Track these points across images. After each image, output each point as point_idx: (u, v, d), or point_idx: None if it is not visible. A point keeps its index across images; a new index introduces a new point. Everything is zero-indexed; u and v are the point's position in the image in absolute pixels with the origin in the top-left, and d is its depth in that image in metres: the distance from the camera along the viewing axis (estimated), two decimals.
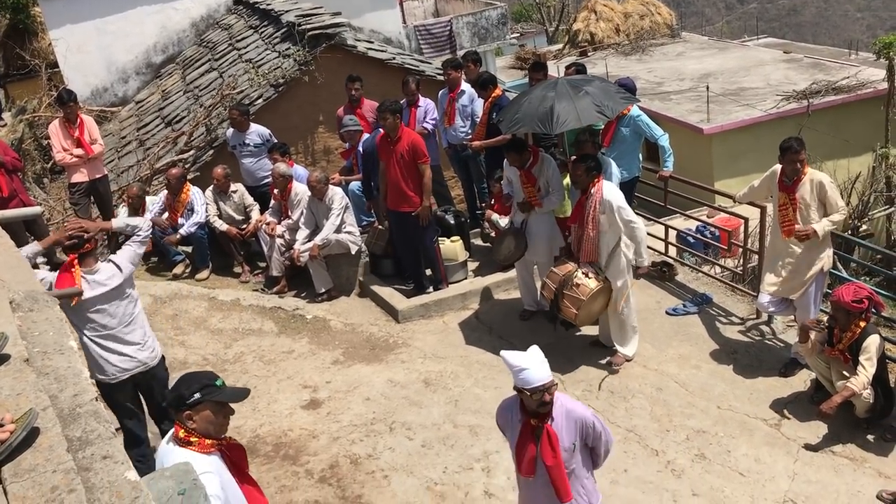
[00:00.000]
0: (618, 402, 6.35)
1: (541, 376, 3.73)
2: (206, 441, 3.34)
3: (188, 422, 3.30)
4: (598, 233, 6.40)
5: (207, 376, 3.38)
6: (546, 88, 6.95)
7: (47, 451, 2.33)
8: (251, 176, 9.25)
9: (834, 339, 5.76)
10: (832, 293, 5.70)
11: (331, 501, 5.36)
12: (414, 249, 8.07)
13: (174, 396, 3.33)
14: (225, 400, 3.36)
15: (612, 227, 6.37)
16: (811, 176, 6.14)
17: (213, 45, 13.33)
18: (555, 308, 6.69)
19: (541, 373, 3.74)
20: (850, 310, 5.54)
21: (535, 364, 3.76)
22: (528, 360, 3.78)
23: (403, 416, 6.26)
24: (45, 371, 2.83)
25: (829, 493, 5.33)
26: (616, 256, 6.47)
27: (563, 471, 3.86)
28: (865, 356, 5.55)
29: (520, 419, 3.92)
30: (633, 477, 5.49)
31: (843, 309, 5.58)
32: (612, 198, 6.30)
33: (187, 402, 3.27)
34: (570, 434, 3.90)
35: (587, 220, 6.39)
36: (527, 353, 3.84)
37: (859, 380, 5.50)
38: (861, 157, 16.38)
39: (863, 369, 5.53)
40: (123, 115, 13.51)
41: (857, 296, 5.54)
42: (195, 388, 3.29)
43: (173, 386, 3.39)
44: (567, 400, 4.00)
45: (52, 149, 8.59)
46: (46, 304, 3.40)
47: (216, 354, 7.29)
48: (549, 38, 32.68)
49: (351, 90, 8.95)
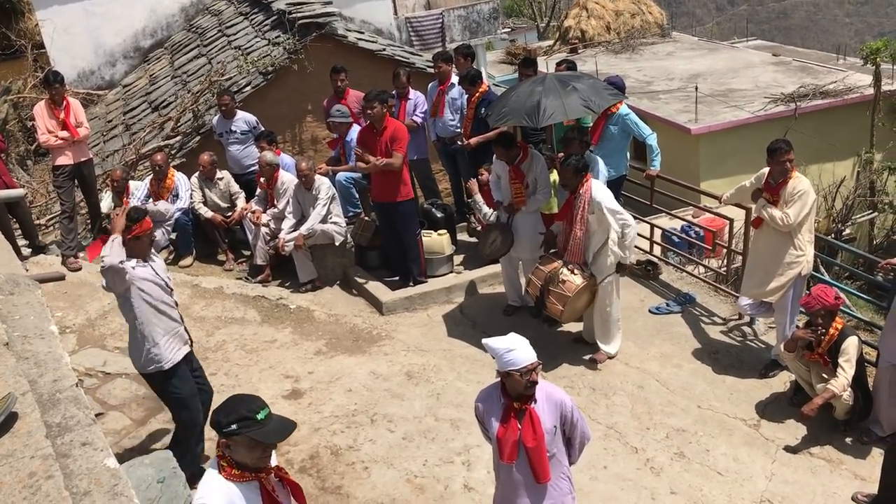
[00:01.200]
0: (599, 399, 6.37)
1: (528, 356, 3.79)
2: (234, 471, 3.11)
3: (225, 448, 3.11)
4: (586, 233, 6.41)
5: (250, 406, 3.11)
6: (534, 84, 6.97)
7: (25, 437, 2.31)
8: (237, 163, 9.20)
9: (814, 343, 5.81)
10: (809, 303, 5.72)
11: (310, 492, 5.34)
12: (400, 241, 8.05)
13: (213, 420, 3.11)
14: (262, 439, 3.07)
15: (600, 226, 6.38)
16: (797, 180, 6.17)
17: (202, 30, 13.22)
18: (540, 304, 6.70)
19: (527, 353, 3.80)
20: (834, 309, 5.66)
21: (521, 345, 3.82)
22: (513, 342, 3.84)
23: (385, 408, 6.26)
24: (25, 355, 2.80)
25: (806, 493, 5.38)
26: (603, 255, 6.48)
27: (543, 453, 3.90)
28: (844, 358, 5.63)
29: (502, 404, 3.94)
30: (612, 474, 5.51)
31: (829, 311, 5.66)
32: (602, 198, 6.30)
33: (223, 431, 3.05)
34: (552, 416, 3.95)
35: (575, 220, 6.39)
36: (507, 336, 3.90)
37: (839, 381, 5.57)
38: (846, 162, 16.49)
39: (842, 371, 5.59)
40: (110, 99, 13.38)
41: (832, 293, 5.68)
42: (233, 417, 3.04)
43: (216, 409, 3.14)
44: (547, 384, 4.04)
45: (37, 130, 8.48)
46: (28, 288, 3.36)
47: (198, 342, 7.23)
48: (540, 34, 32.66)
49: (337, 81, 8.91)
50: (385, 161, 7.43)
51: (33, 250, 8.65)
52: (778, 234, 6.23)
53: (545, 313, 6.78)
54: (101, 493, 2.18)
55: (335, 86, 8.96)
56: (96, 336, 7.20)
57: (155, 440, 5.88)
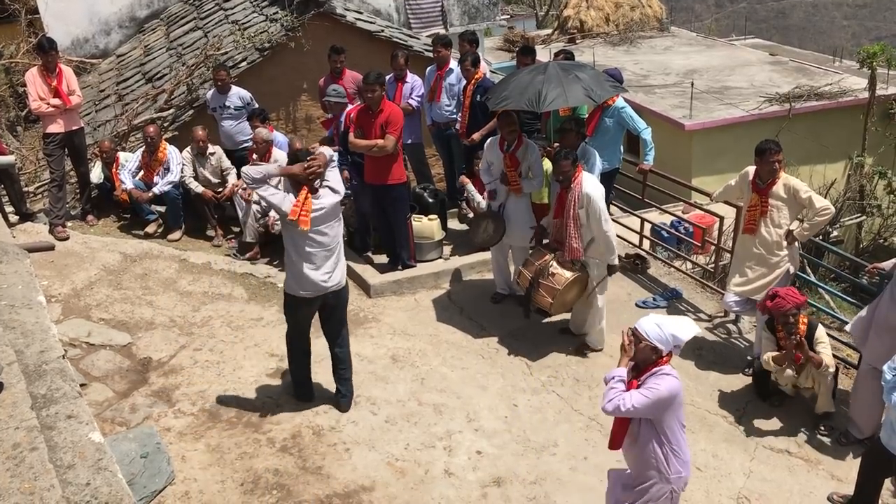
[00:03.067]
0: (582, 391, 6.41)
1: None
2: None
3: None
4: (578, 227, 6.40)
5: None
6: (536, 71, 6.99)
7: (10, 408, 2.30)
8: (230, 139, 9.15)
9: (782, 342, 5.95)
10: (780, 304, 5.76)
11: (291, 471, 5.36)
12: (389, 224, 8.04)
13: None
14: None
15: (590, 220, 6.38)
16: (785, 180, 6.21)
17: (199, 3, 13.09)
18: (530, 295, 6.72)
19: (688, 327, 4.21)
20: (803, 304, 5.88)
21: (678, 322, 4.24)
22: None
23: (369, 390, 6.27)
24: (12, 325, 2.78)
25: (783, 492, 5.45)
26: (593, 248, 6.50)
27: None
28: (822, 345, 5.90)
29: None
30: (592, 465, 5.56)
31: (799, 308, 5.82)
32: (592, 193, 6.30)
33: None
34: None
35: (569, 218, 6.39)
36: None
37: (827, 358, 5.85)
38: (837, 164, 16.55)
39: (822, 354, 5.87)
40: (103, 68, 13.25)
41: (797, 291, 5.92)
42: None
43: None
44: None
45: (29, 97, 8.40)
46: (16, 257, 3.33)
47: (184, 317, 7.23)
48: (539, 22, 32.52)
49: (336, 62, 8.85)
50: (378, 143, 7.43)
51: (20, 217, 8.59)
52: (768, 232, 6.28)
53: (534, 305, 6.80)
54: (86, 467, 2.18)
55: (333, 66, 8.90)
56: (81, 306, 7.17)
57: (137, 413, 5.87)
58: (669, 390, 4.09)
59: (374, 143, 7.46)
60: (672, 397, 4.12)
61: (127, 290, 7.53)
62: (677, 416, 4.22)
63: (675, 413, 4.20)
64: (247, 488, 5.19)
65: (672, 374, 4.15)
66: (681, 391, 4.17)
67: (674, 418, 4.21)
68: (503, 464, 5.55)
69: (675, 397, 4.14)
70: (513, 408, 6.17)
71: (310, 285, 5.51)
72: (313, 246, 5.43)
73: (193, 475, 5.25)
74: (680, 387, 4.16)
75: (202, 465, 5.36)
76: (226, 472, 5.32)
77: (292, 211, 5.27)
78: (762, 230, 6.30)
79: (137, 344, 6.75)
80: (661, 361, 4.16)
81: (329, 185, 5.47)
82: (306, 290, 5.54)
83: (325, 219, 5.42)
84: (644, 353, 4.18)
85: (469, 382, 6.44)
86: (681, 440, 4.25)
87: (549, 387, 6.45)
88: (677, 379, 4.16)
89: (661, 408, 4.12)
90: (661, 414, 4.14)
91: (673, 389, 4.11)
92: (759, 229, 6.31)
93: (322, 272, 5.50)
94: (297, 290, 5.55)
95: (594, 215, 6.29)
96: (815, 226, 6.22)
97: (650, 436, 4.20)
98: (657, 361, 4.16)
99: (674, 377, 4.14)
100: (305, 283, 5.50)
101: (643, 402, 4.08)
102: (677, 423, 4.23)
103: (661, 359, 4.16)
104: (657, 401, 4.08)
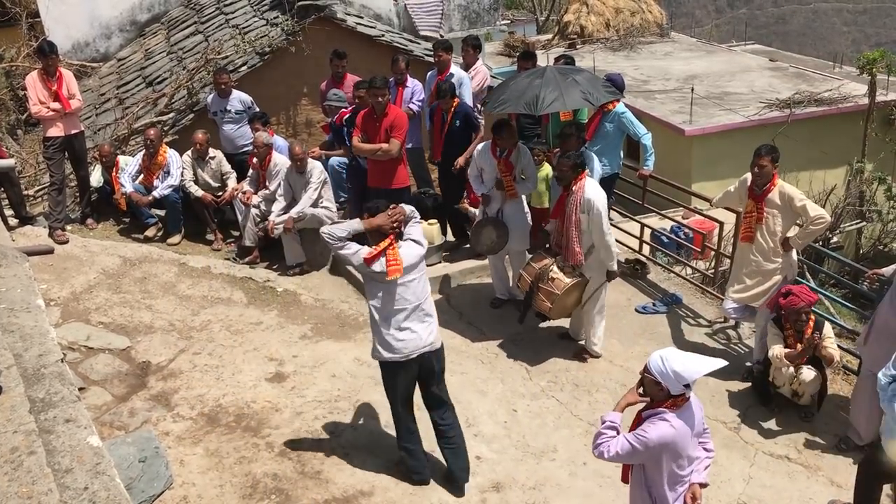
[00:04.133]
0: (582, 396, 6.40)
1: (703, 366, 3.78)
2: None
3: None
4: (579, 231, 6.40)
5: None
6: (534, 75, 7.01)
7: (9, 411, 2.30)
8: (230, 143, 9.16)
9: (790, 339, 6.00)
10: (793, 301, 5.85)
11: (290, 475, 5.35)
12: None
13: None
14: None
15: (591, 226, 6.37)
16: (781, 188, 6.22)
17: (200, 7, 13.10)
18: (529, 300, 6.71)
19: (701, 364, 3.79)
20: (814, 303, 5.94)
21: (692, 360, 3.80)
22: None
23: (368, 395, 6.26)
24: (11, 329, 2.78)
25: (783, 498, 5.43)
26: (594, 253, 6.49)
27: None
28: (829, 339, 5.97)
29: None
30: (591, 470, 5.54)
31: (811, 305, 5.89)
32: (595, 199, 6.28)
33: None
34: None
35: (570, 223, 6.38)
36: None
37: (836, 353, 5.95)
38: (836, 170, 16.56)
39: (832, 349, 5.94)
40: (104, 72, 13.25)
41: (808, 290, 5.99)
42: None
43: None
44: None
45: (29, 100, 8.40)
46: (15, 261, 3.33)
47: (183, 321, 7.22)
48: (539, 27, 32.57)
49: (338, 67, 8.86)
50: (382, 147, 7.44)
51: (20, 221, 8.59)
52: (764, 239, 6.29)
53: (534, 308, 6.77)
54: (84, 471, 2.17)
55: (335, 70, 8.91)
56: (80, 310, 7.17)
57: (135, 417, 5.86)
58: (659, 438, 3.71)
59: (379, 146, 7.47)
60: (661, 445, 3.74)
61: (126, 294, 7.52)
62: (667, 467, 3.83)
63: (663, 464, 3.82)
64: (245, 493, 5.17)
65: (670, 420, 3.73)
66: (676, 440, 3.75)
67: (659, 471, 3.84)
68: (502, 469, 5.54)
69: (666, 446, 3.75)
70: (512, 413, 6.16)
71: (404, 348, 4.98)
72: (403, 302, 4.95)
73: (192, 479, 5.24)
74: (675, 435, 3.73)
75: (201, 470, 5.35)
76: (224, 476, 5.31)
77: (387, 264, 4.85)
78: (758, 237, 6.33)
79: (136, 348, 6.75)
80: (667, 403, 3.77)
81: (412, 237, 5.04)
82: (395, 355, 4.99)
83: (411, 270, 4.97)
84: (650, 386, 3.81)
85: (468, 387, 6.43)
86: (666, 494, 3.88)
87: (548, 392, 6.44)
88: (674, 427, 3.73)
89: (647, 456, 3.80)
90: (648, 461, 3.84)
91: (664, 437, 3.72)
92: (756, 236, 6.33)
93: (418, 335, 5.01)
94: (388, 355, 5.00)
95: (596, 221, 6.28)
96: (809, 234, 6.22)
97: (639, 477, 3.99)
98: (664, 402, 3.78)
99: (669, 424, 3.72)
100: (398, 345, 4.98)
101: (626, 450, 3.77)
102: (664, 475, 3.84)
103: (672, 398, 3.76)
104: (644, 449, 3.75)
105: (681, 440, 3.77)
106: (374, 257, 4.85)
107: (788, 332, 5.98)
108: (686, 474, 3.92)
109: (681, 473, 3.89)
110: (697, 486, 3.97)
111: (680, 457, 3.84)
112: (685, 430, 3.78)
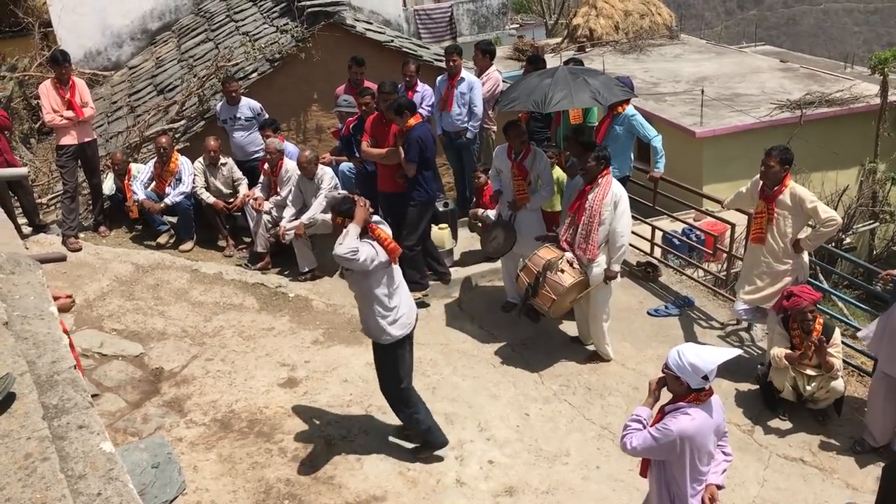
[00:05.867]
0: (594, 399, 6.38)
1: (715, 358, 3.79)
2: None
3: None
4: (600, 223, 6.31)
5: None
6: (545, 74, 7.04)
7: (23, 418, 2.31)
8: (241, 150, 9.19)
9: (796, 340, 5.98)
10: (797, 302, 5.84)
11: (302, 481, 5.36)
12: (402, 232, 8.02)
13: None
14: None
15: (616, 220, 6.31)
16: (792, 189, 6.20)
17: (210, 15, 13.19)
18: (530, 293, 6.60)
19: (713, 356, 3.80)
20: (818, 301, 5.91)
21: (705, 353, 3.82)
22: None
23: (380, 399, 6.22)
24: (24, 335, 2.79)
25: (798, 501, 5.39)
26: (600, 252, 6.46)
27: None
28: (835, 347, 5.90)
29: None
30: (604, 474, 5.52)
31: (815, 304, 5.87)
32: (622, 193, 6.30)
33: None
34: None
35: (592, 213, 6.30)
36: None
37: (838, 363, 5.87)
38: (849, 171, 16.48)
39: (836, 358, 5.86)
40: (115, 80, 13.35)
41: (807, 288, 5.96)
42: None
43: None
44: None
45: (42, 109, 8.47)
46: (29, 268, 3.35)
47: (195, 327, 7.25)
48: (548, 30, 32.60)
49: (357, 74, 8.83)
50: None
51: (34, 229, 8.65)
52: (775, 240, 6.27)
53: (533, 301, 6.65)
54: (97, 477, 2.18)
55: (353, 77, 8.87)
56: (94, 317, 7.21)
57: (149, 423, 5.88)
58: (680, 431, 3.76)
59: (388, 150, 7.46)
60: (682, 439, 3.77)
61: (139, 301, 7.56)
62: (690, 462, 3.85)
63: (686, 459, 3.83)
64: (259, 498, 5.18)
65: (692, 413, 3.79)
66: (697, 433, 3.79)
67: (681, 467, 3.85)
68: (515, 473, 5.53)
69: (687, 439, 3.78)
70: (524, 417, 6.15)
71: (408, 319, 5.27)
72: (396, 277, 5.22)
73: (205, 485, 5.26)
74: (696, 428, 3.78)
75: (214, 476, 5.36)
76: (237, 482, 5.32)
77: (392, 249, 5.08)
78: (769, 238, 6.30)
79: (149, 354, 6.78)
80: (690, 397, 3.82)
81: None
82: (405, 329, 5.26)
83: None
84: (671, 382, 3.86)
85: (480, 391, 6.43)
86: (684, 491, 3.90)
87: (560, 396, 6.43)
88: (695, 420, 3.78)
89: (669, 449, 3.83)
90: (670, 456, 3.86)
91: (685, 431, 3.76)
92: (766, 238, 6.31)
93: (410, 301, 5.35)
94: (399, 332, 5.22)
95: (621, 214, 6.26)
96: (820, 236, 6.20)
97: (658, 475, 4.00)
98: (686, 396, 3.82)
99: (690, 418, 3.78)
100: (404, 319, 5.23)
101: (646, 444, 3.84)
102: (686, 470, 3.86)
103: (694, 392, 3.80)
104: (664, 444, 3.80)
105: (702, 434, 3.83)
106: (384, 248, 5.06)
107: (795, 333, 5.95)
108: (706, 472, 3.96)
109: (702, 469, 3.94)
110: (714, 486, 4.01)
111: (702, 451, 3.89)
112: (707, 424, 3.84)
